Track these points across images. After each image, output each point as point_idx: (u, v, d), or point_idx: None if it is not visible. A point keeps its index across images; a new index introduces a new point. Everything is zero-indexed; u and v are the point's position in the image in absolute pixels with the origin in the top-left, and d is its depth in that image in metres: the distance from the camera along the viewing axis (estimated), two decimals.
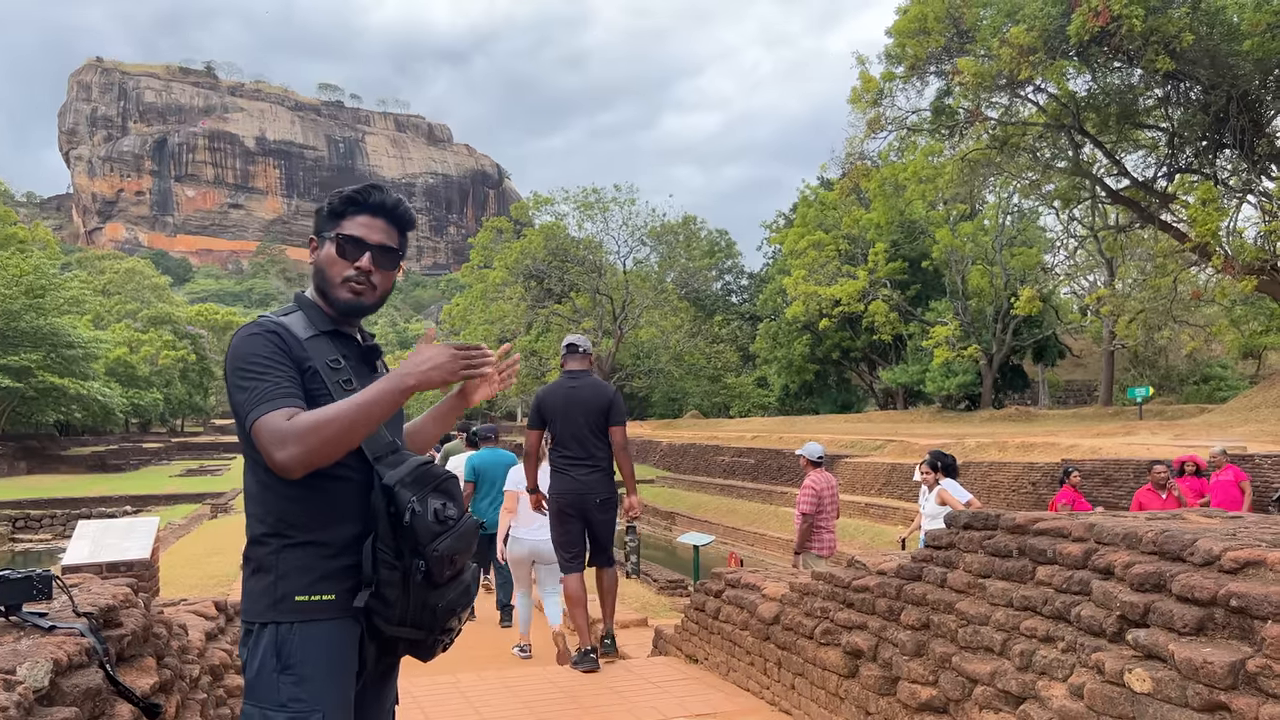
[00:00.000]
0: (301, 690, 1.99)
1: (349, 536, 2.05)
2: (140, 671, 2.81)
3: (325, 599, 2.03)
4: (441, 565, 1.98)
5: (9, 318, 40.65)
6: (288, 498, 2.04)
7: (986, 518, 3.67)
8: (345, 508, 2.06)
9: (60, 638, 2.38)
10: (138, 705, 2.51)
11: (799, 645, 4.52)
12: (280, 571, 2.04)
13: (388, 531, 1.99)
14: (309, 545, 2.05)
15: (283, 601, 2.02)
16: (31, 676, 2.09)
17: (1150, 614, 2.66)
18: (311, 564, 2.04)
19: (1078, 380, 51.76)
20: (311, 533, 2.05)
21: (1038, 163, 28.60)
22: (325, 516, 2.05)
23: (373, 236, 2.18)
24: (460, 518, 2.05)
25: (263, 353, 2.02)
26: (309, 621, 2.02)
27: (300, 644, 2.01)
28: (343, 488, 2.06)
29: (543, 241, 54.55)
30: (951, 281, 41.45)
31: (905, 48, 25.74)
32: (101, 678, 2.38)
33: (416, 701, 5.14)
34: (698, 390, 59.29)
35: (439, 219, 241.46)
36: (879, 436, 29.60)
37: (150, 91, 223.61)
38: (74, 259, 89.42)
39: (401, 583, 1.99)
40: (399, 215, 2.23)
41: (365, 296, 2.18)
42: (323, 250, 2.20)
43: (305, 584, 2.03)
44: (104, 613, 2.76)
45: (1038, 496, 18.50)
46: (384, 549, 1.99)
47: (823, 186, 50.12)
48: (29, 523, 27.33)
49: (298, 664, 2.00)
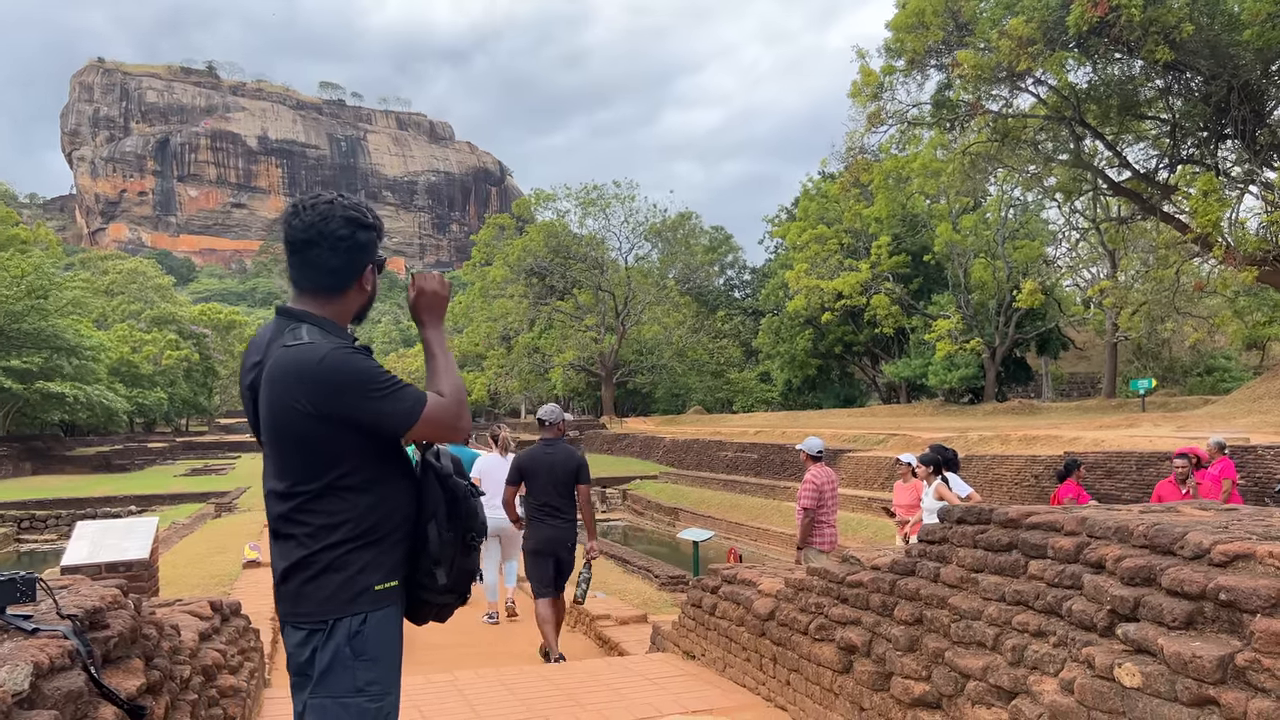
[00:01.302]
0: (376, 673, 2.21)
1: (407, 525, 2.33)
2: (127, 673, 2.80)
3: (394, 585, 2.29)
4: (483, 535, 2.39)
5: (11, 319, 40.69)
6: (369, 504, 2.27)
7: (980, 512, 3.66)
8: (405, 502, 2.33)
9: (43, 640, 2.37)
10: (121, 707, 2.51)
11: (794, 641, 4.51)
12: (358, 567, 2.25)
13: (447, 513, 2.32)
14: (381, 541, 2.28)
15: (363, 594, 2.23)
16: (11, 680, 2.08)
17: (1140, 608, 2.65)
18: (383, 558, 2.28)
19: (1081, 373, 51.65)
20: (383, 530, 2.28)
21: (1039, 155, 28.52)
22: (393, 514, 2.31)
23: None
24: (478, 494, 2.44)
25: (380, 366, 2.27)
26: (381, 608, 2.25)
27: (374, 631, 2.23)
28: (408, 485, 2.35)
29: (544, 238, 54.59)
30: (954, 275, 41.39)
31: (904, 41, 25.69)
32: (84, 680, 2.37)
33: (413, 701, 5.13)
34: (701, 386, 59.26)
35: (441, 216, 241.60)
36: (882, 431, 29.56)
37: (152, 92, 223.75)
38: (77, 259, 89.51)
39: (453, 556, 2.32)
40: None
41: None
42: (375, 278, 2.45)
43: (381, 575, 2.27)
44: (90, 614, 2.75)
45: (1040, 489, 18.47)
46: (445, 530, 2.31)
47: (825, 180, 50.07)
48: (34, 523, 27.36)
49: (372, 649, 2.21)
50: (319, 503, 2.26)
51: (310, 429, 2.21)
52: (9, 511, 27.69)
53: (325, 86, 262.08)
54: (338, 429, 2.22)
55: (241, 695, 4.44)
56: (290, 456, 2.27)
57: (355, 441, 2.24)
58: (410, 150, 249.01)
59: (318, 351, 2.21)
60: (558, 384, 56.69)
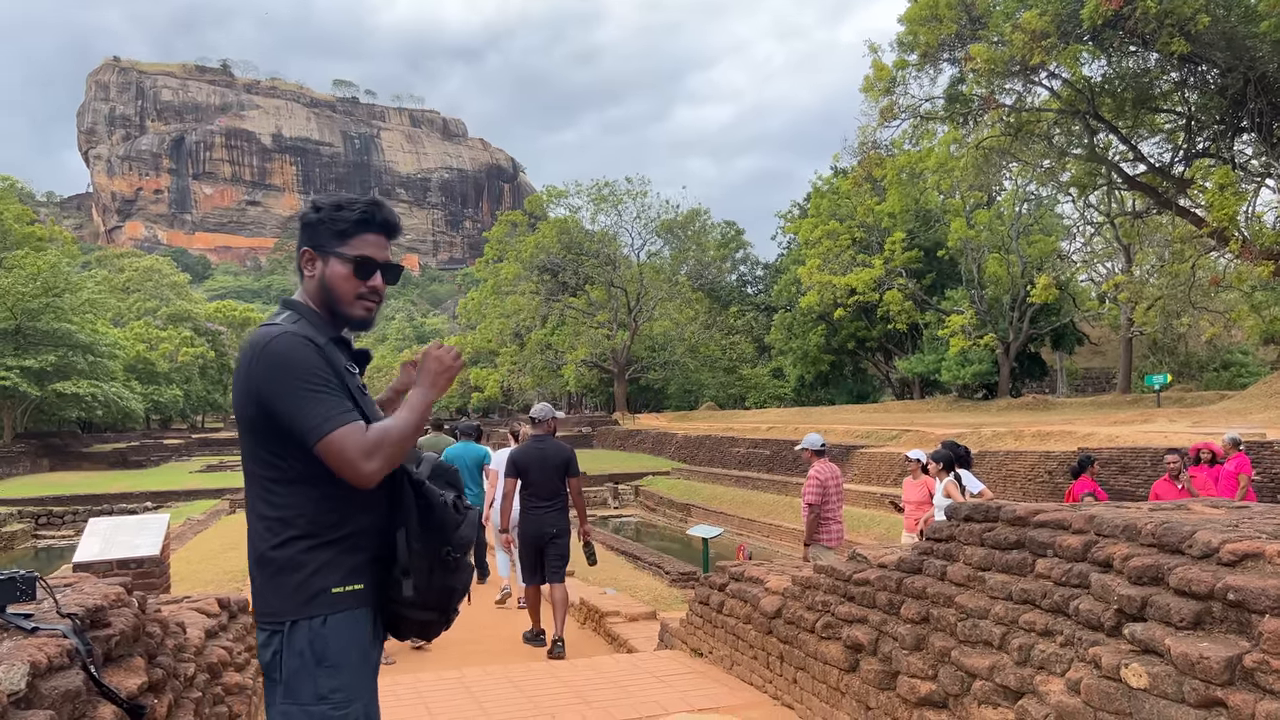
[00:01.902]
0: (339, 680, 2.10)
1: (374, 530, 2.19)
2: (128, 672, 2.80)
3: (357, 589, 2.16)
4: (464, 550, 2.19)
5: (29, 317, 40.97)
6: (320, 499, 2.15)
7: (987, 510, 3.63)
8: (371, 504, 2.18)
9: (42, 639, 2.37)
10: (121, 706, 2.50)
11: (800, 639, 4.49)
12: (313, 568, 2.14)
13: (418, 523, 2.14)
14: (339, 541, 2.16)
15: (318, 596, 2.13)
16: (8, 680, 2.08)
17: (1148, 608, 2.61)
18: (342, 559, 2.16)
19: (1096, 368, 51.36)
20: (341, 529, 2.16)
21: (1053, 149, 28.33)
22: (355, 514, 2.17)
23: (381, 255, 2.31)
24: (468, 507, 2.25)
25: (318, 366, 2.13)
26: (341, 612, 2.13)
27: (334, 636, 2.12)
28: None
29: (556, 235, 54.61)
30: (967, 270, 41.17)
31: (917, 35, 25.55)
32: (82, 679, 2.37)
33: (421, 697, 5.14)
34: (713, 382, 59.18)
35: (454, 213, 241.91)
36: (895, 426, 29.46)
37: (167, 90, 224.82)
38: (94, 257, 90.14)
39: (428, 569, 2.15)
40: (396, 231, 2.36)
41: (374, 312, 2.34)
42: (329, 267, 2.26)
43: (339, 577, 2.15)
44: (91, 613, 2.75)
45: (1054, 485, 18.37)
46: (415, 540, 2.14)
47: (837, 175, 49.89)
48: (51, 519, 27.59)
49: (334, 655, 2.11)
50: (272, 493, 2.17)
51: (256, 410, 2.14)
52: (27, 508, 27.93)
53: (339, 84, 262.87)
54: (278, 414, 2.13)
55: (247, 692, 4.45)
56: (245, 439, 2.21)
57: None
58: (424, 147, 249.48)
59: (273, 332, 2.17)
60: (570, 380, 56.71)
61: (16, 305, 40.59)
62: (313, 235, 2.28)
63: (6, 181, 51.34)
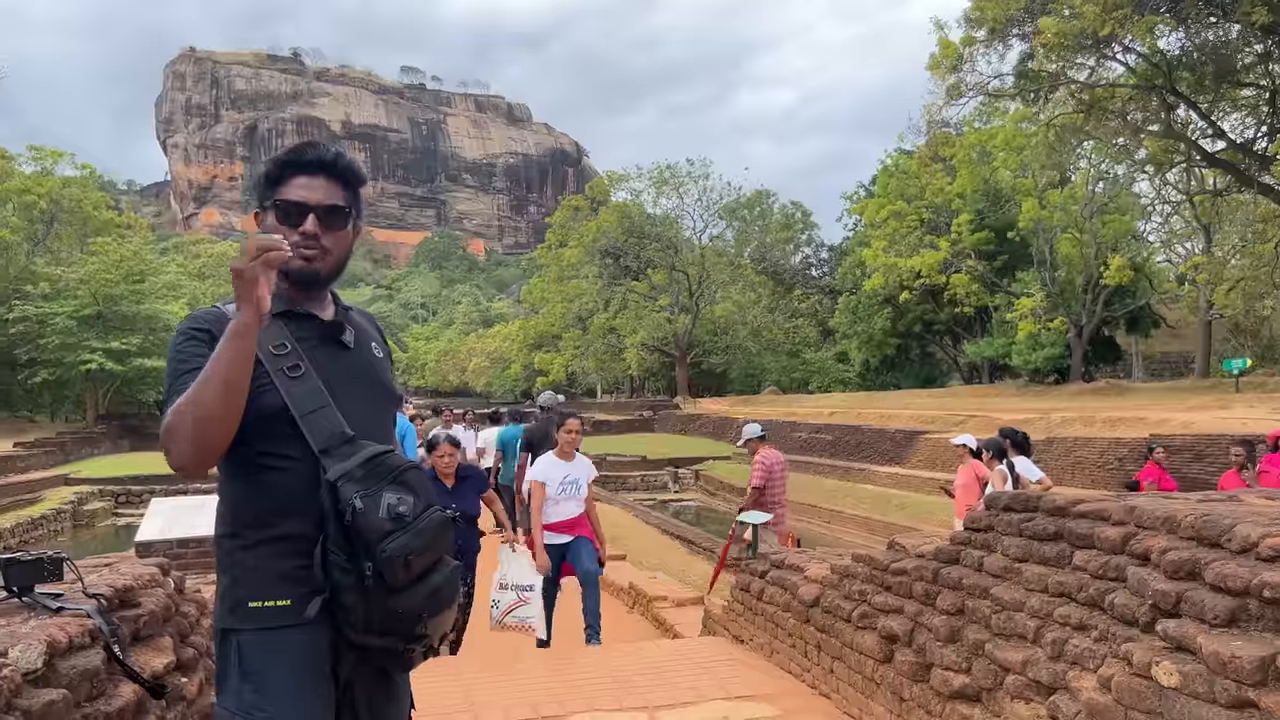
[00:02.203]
0: (264, 700, 1.85)
1: (303, 535, 1.89)
2: (156, 651, 2.87)
3: (281, 605, 1.88)
4: (394, 567, 1.79)
5: (109, 302, 42.35)
6: (237, 493, 1.93)
7: (1027, 499, 3.53)
8: (295, 503, 1.90)
9: (65, 619, 2.43)
10: (143, 685, 2.55)
11: (837, 628, 4.43)
12: (235, 574, 1.93)
13: (337, 532, 1.82)
14: (261, 545, 1.91)
15: (239, 608, 1.90)
16: (24, 658, 2.13)
17: (1182, 603, 2.51)
18: (265, 565, 1.90)
19: (1174, 352, 49.75)
20: (262, 531, 1.91)
21: (1128, 126, 27.41)
22: (274, 513, 1.91)
23: (314, 197, 1.99)
24: (420, 514, 1.85)
25: (186, 349, 1.91)
26: (267, 630, 1.88)
27: (259, 652, 1.88)
28: (289, 480, 1.91)
29: (618, 219, 54.65)
30: (1039, 251, 40.13)
31: (985, 10, 24.89)
32: (102, 659, 2.43)
33: (463, 684, 5.19)
34: (776, 366, 58.73)
35: (519, 198, 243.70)
36: (961, 412, 28.93)
37: (241, 79, 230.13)
38: (171, 244, 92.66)
39: (358, 587, 1.81)
40: (341, 169, 2.05)
41: (318, 262, 2.00)
42: (266, 221, 2.01)
43: (260, 587, 1.89)
44: (120, 593, 2.82)
45: (1124, 473, 17.85)
46: (335, 551, 1.82)
47: (904, 155, 49.01)
48: (130, 498, 28.49)
49: (256, 672, 1.87)
50: (220, 483, 2.00)
51: None
52: (108, 487, 28.91)
53: (406, 71, 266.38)
54: None
55: None
56: None
57: None
58: (488, 132, 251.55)
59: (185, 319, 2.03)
60: (632, 364, 56.81)
61: (99, 291, 41.99)
62: (259, 194, 2.05)
63: (87, 170, 52.90)
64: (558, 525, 6.60)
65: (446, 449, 6.58)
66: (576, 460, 6.78)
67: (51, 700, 2.11)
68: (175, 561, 6.99)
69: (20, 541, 21.07)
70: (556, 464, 6.67)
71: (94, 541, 23.13)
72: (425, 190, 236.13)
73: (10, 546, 19.72)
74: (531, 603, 6.40)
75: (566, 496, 6.62)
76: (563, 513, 6.60)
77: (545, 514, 6.58)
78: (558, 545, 6.60)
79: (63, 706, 2.15)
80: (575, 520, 6.65)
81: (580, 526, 6.68)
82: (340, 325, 2.08)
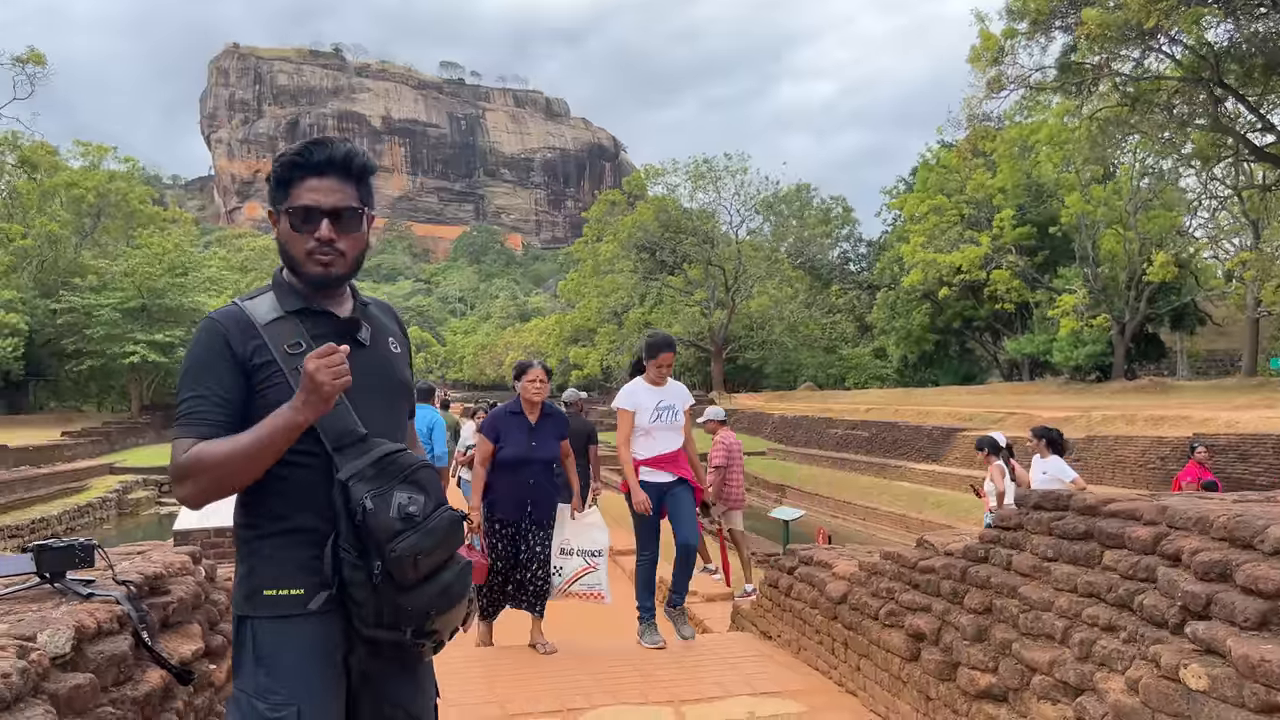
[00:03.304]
0: (275, 683, 1.90)
1: (316, 528, 1.94)
2: (184, 638, 2.92)
3: (294, 593, 1.94)
4: (403, 566, 1.83)
5: (153, 294, 43.11)
6: (254, 486, 1.94)
7: (1057, 498, 3.48)
8: (309, 497, 1.95)
9: (94, 605, 2.48)
10: (170, 671, 2.60)
11: (864, 626, 4.40)
12: (251, 564, 1.98)
13: (349, 530, 1.87)
14: (277, 536, 1.97)
15: (254, 595, 1.95)
16: (52, 643, 2.18)
17: (1212, 605, 2.47)
18: (280, 555, 1.96)
19: (1220, 349, 48.76)
20: (278, 522, 1.96)
21: (1174, 120, 26.90)
22: (289, 506, 1.96)
23: (327, 200, 2.00)
24: (431, 513, 1.90)
25: (206, 357, 1.96)
26: (280, 617, 1.93)
27: (272, 637, 1.93)
28: (305, 475, 1.95)
29: (654, 213, 54.56)
30: (1081, 246, 39.50)
31: (1027, 1, 24.53)
32: (130, 644, 2.47)
33: (490, 670, 5.23)
34: (812, 362, 58.39)
35: (556, 193, 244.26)
36: (1000, 409, 28.59)
37: (283, 75, 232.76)
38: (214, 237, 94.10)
39: (367, 583, 1.85)
40: (351, 167, 2.04)
41: (335, 266, 2.03)
42: (280, 226, 2.05)
43: (273, 577, 1.95)
44: (150, 580, 2.86)
45: (1166, 472, 17.56)
46: (346, 548, 1.87)
47: (944, 149, 48.46)
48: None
49: (269, 656, 1.92)
50: None
51: None
52: (151, 476, 29.46)
53: (445, 66, 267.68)
54: None
55: None
56: None
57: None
58: (527, 127, 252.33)
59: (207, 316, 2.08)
60: None
61: (143, 284, 42.77)
62: (270, 195, 2.08)
63: (131, 164, 53.89)
64: (655, 460, 5.76)
65: (539, 373, 5.78)
66: (670, 385, 5.96)
67: (78, 684, 2.15)
68: (212, 550, 7.12)
69: (67, 529, 21.55)
70: (647, 389, 5.85)
71: (137, 530, 23.58)
72: (464, 185, 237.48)
73: (57, 533, 20.15)
74: (599, 568, 5.91)
75: (664, 425, 5.77)
76: (659, 445, 5.77)
77: (637, 448, 5.76)
78: (656, 484, 5.74)
79: (89, 690, 2.19)
80: (674, 455, 5.80)
81: (680, 464, 5.81)
82: (356, 323, 2.10)
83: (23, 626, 2.19)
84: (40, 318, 42.36)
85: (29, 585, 2.59)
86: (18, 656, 2.00)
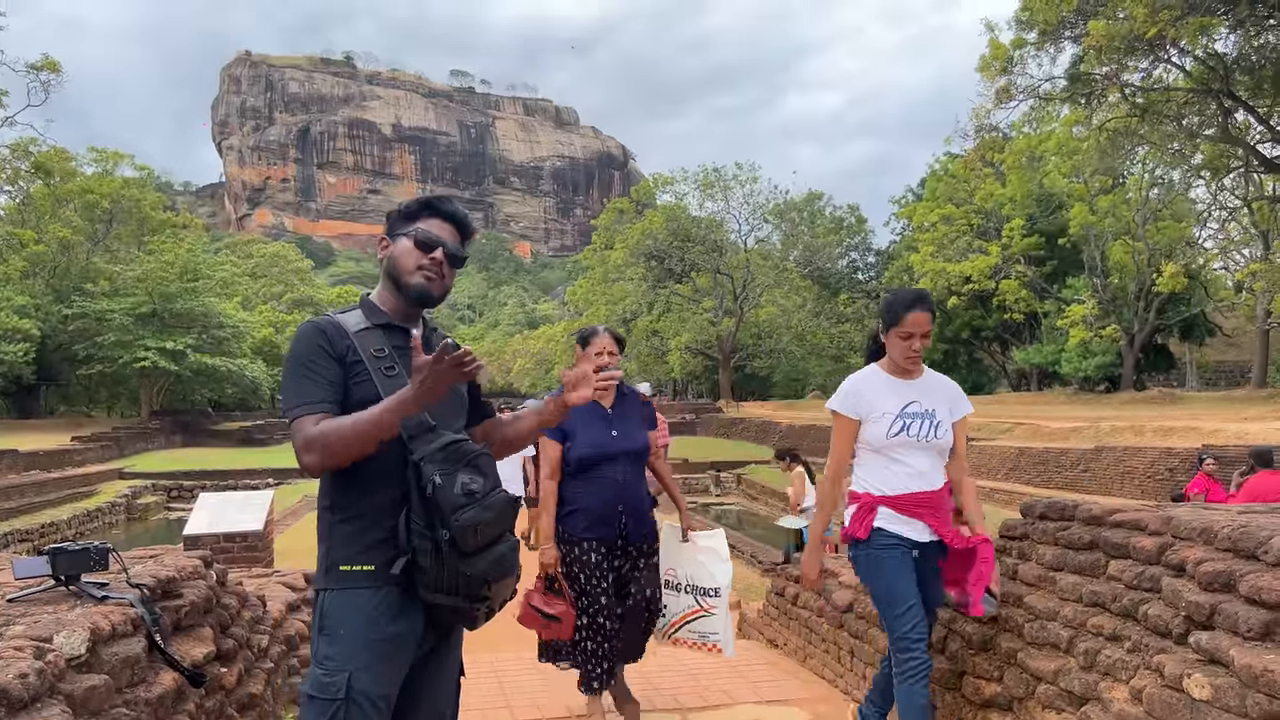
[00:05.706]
0: (333, 649, 2.16)
1: (387, 509, 2.23)
2: (196, 641, 2.95)
3: (366, 569, 2.22)
4: (466, 535, 2.12)
5: (165, 300, 43.29)
6: (337, 475, 2.24)
7: (1063, 508, 3.50)
8: (384, 479, 2.24)
9: (109, 607, 2.51)
10: (183, 673, 2.64)
11: (871, 635, 4.41)
12: (331, 542, 2.27)
13: (419, 504, 2.16)
14: (354, 519, 2.25)
15: (331, 570, 2.24)
16: (67, 645, 2.21)
17: (1216, 615, 2.49)
18: (356, 537, 2.24)
19: (1230, 361, 48.63)
20: (356, 506, 2.25)
21: (1183, 131, 26.87)
22: (367, 492, 2.24)
23: (445, 235, 2.43)
24: (489, 492, 2.20)
25: (309, 352, 2.25)
26: (347, 589, 2.21)
27: (337, 608, 2.20)
28: (380, 461, 2.21)
29: (663, 222, 54.63)
30: (1090, 257, 39.45)
31: (1036, 11, 24.55)
32: (143, 647, 2.50)
33: (495, 672, 5.25)
34: (820, 371, 58.33)
35: (565, 201, 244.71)
36: (1009, 419, 28.53)
37: (294, 82, 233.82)
38: (225, 244, 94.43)
39: (434, 551, 2.14)
40: (465, 225, 2.49)
41: (435, 286, 2.39)
42: (397, 245, 2.41)
43: (350, 554, 2.23)
44: (163, 584, 2.90)
45: (1174, 484, 17.49)
46: (416, 520, 2.15)
47: (952, 159, 48.47)
48: (181, 492, 29.09)
49: (331, 626, 2.19)
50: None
51: None
52: (161, 481, 29.57)
53: (455, 74, 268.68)
54: None
55: None
56: None
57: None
58: (536, 136, 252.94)
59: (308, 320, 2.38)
60: (675, 367, 56.74)
61: (155, 289, 42.96)
62: (389, 226, 2.47)
63: (144, 171, 54.16)
64: (899, 501, 3.41)
65: (606, 342, 4.24)
66: (927, 376, 3.74)
67: (93, 685, 2.18)
68: (220, 555, 7.15)
69: (76, 533, 21.62)
70: (887, 382, 3.61)
71: (146, 535, 23.64)
72: (473, 193, 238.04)
73: (66, 538, 20.24)
74: (717, 612, 4.42)
75: (914, 444, 3.45)
76: (904, 476, 3.44)
77: (864, 476, 3.51)
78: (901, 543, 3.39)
79: (104, 692, 2.22)
80: (935, 496, 3.44)
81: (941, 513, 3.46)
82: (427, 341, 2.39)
83: (39, 628, 2.22)
84: (52, 323, 42.56)
85: (45, 588, 2.62)
86: (35, 658, 2.03)
